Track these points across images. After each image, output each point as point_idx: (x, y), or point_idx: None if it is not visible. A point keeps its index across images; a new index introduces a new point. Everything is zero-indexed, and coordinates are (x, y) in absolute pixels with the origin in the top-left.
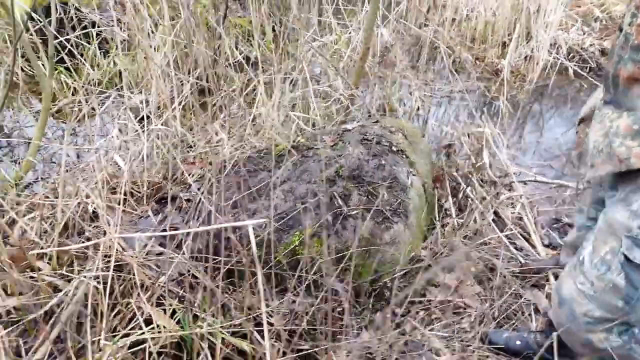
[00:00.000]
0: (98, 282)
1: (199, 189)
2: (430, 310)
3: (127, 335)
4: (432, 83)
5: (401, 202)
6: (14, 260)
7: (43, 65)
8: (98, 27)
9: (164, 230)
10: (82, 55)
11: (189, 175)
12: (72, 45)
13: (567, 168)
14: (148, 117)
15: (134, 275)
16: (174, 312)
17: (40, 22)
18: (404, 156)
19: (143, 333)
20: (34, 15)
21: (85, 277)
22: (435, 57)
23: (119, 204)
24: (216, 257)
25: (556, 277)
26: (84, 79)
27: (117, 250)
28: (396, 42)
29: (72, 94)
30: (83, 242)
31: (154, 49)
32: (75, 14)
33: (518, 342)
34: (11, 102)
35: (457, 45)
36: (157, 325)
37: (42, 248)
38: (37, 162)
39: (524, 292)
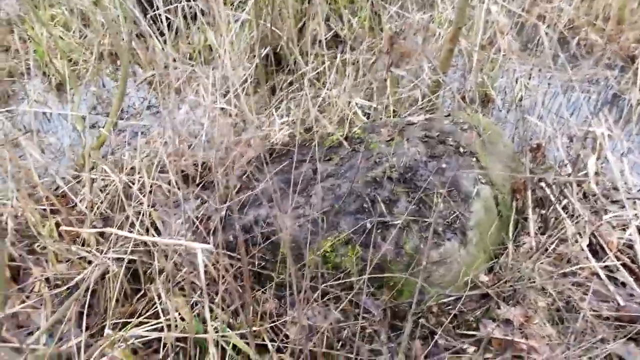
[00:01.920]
0: (121, 264)
1: (240, 177)
2: (483, 348)
3: (142, 323)
4: (545, 69)
5: (459, 216)
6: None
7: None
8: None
9: (197, 217)
10: (171, 29)
11: (241, 157)
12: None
13: None
14: (213, 94)
15: (158, 261)
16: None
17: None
18: (473, 159)
19: (157, 324)
20: None
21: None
22: (553, 39)
23: (168, 183)
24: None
25: None
26: (174, 52)
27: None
28: (506, 19)
29: (164, 67)
30: (121, 218)
31: (240, 24)
32: None
33: None
34: (115, 72)
35: (584, 25)
36: (177, 313)
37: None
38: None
39: (614, 344)
